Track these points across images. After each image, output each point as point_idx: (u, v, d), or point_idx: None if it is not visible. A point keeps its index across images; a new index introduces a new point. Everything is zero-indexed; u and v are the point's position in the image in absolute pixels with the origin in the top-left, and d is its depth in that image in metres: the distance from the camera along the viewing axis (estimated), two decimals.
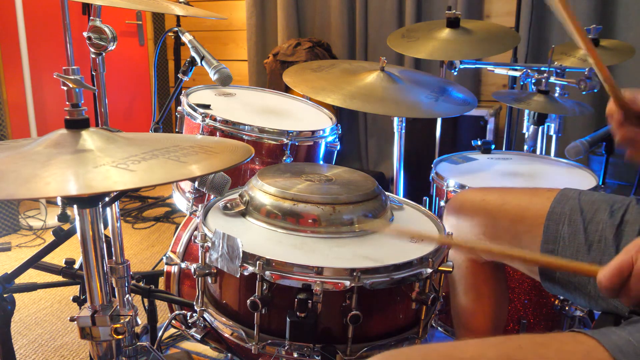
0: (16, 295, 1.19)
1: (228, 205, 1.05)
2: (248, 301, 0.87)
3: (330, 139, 1.47)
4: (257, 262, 0.85)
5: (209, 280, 0.98)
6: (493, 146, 1.78)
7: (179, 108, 1.48)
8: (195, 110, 1.39)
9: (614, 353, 0.64)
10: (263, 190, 1.01)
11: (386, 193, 1.10)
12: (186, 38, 1.47)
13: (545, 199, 1.04)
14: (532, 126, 1.80)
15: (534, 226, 1.03)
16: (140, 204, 3.22)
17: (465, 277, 1.20)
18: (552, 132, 2.00)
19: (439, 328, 1.52)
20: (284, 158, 1.37)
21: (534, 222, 1.03)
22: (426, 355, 0.68)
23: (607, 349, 0.64)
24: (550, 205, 1.03)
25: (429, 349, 0.70)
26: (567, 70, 1.94)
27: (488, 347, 0.67)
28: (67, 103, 0.75)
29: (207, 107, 1.43)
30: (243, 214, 1.03)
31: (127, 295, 0.97)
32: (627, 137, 0.87)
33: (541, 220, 1.02)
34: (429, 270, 0.90)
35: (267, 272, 0.85)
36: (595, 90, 1.84)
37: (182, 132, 1.48)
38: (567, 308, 1.42)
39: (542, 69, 1.84)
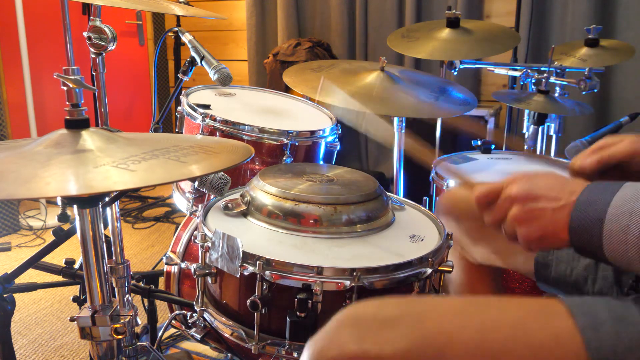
0: (16, 295, 1.20)
1: (229, 205, 1.05)
2: (248, 301, 0.87)
3: (330, 139, 1.47)
4: (257, 262, 0.85)
5: (209, 280, 0.98)
6: (493, 146, 1.78)
7: (179, 108, 1.48)
8: (195, 110, 1.39)
9: (569, 305, 0.66)
10: (264, 191, 1.01)
11: (387, 193, 1.10)
12: (186, 38, 1.47)
13: None
14: (532, 126, 1.80)
15: None
16: (140, 204, 3.22)
17: (461, 280, 1.20)
18: (552, 132, 2.00)
19: None
20: (284, 158, 1.37)
21: None
22: (401, 302, 0.69)
23: (564, 302, 0.66)
24: None
25: (406, 298, 0.72)
26: (567, 70, 1.94)
27: (465, 301, 0.70)
28: (67, 103, 0.75)
29: (207, 107, 1.43)
30: (244, 214, 1.03)
31: (127, 295, 0.97)
32: None
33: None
34: (429, 270, 0.90)
35: (267, 272, 0.85)
36: (595, 90, 1.84)
37: (182, 132, 1.48)
38: None
39: (542, 69, 1.84)
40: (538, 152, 1.96)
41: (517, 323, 0.65)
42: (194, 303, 1.02)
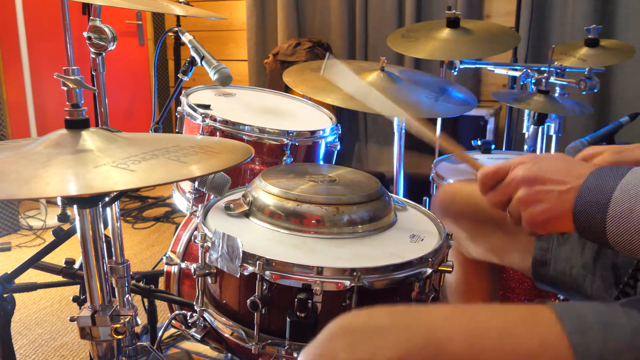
0: (16, 295, 1.20)
1: (231, 205, 1.05)
2: (248, 301, 0.87)
3: (330, 139, 1.47)
4: (257, 262, 0.85)
5: (209, 280, 0.98)
6: (493, 146, 1.78)
7: (179, 108, 1.48)
8: (195, 111, 1.39)
9: (557, 311, 0.65)
10: (266, 191, 1.01)
11: (390, 194, 1.10)
12: (186, 38, 1.47)
13: None
14: (532, 126, 1.80)
15: None
16: (140, 204, 3.22)
17: (459, 277, 1.20)
18: (552, 132, 2.00)
19: None
20: (284, 158, 1.37)
21: None
22: (391, 311, 0.69)
23: (553, 309, 0.66)
24: None
25: (396, 307, 0.72)
26: (567, 70, 1.94)
27: (453, 320, 0.69)
28: (67, 103, 0.75)
29: (207, 107, 1.43)
30: (247, 214, 1.03)
31: (127, 295, 0.97)
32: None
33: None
34: (429, 270, 0.90)
35: (267, 272, 0.85)
36: (595, 90, 1.84)
37: (182, 132, 1.48)
38: None
39: (542, 69, 1.84)
40: (538, 152, 1.96)
41: (505, 329, 0.65)
42: (194, 303, 1.02)
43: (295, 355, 0.89)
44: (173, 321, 1.33)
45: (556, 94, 1.92)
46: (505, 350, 0.63)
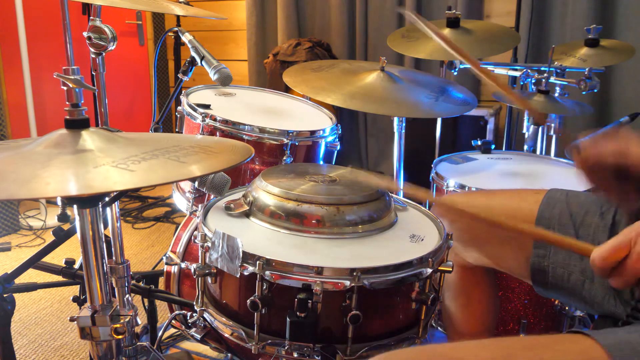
0: (16, 295, 1.20)
1: (232, 205, 1.05)
2: (248, 301, 0.87)
3: (330, 139, 1.47)
4: (257, 262, 0.85)
5: (209, 280, 0.98)
6: (493, 146, 1.78)
7: (179, 108, 1.48)
8: (195, 110, 1.39)
9: (610, 350, 0.63)
10: (267, 191, 1.01)
11: (390, 194, 1.10)
12: (186, 38, 1.47)
13: (533, 202, 1.04)
14: (532, 126, 1.80)
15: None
16: (140, 204, 3.22)
17: (455, 283, 1.20)
18: (552, 132, 2.00)
19: (439, 328, 1.52)
20: (284, 158, 1.37)
21: None
22: (426, 356, 0.68)
23: (603, 346, 0.63)
24: (539, 209, 1.02)
25: (428, 350, 0.70)
26: (567, 70, 1.94)
27: (485, 348, 0.67)
28: (67, 103, 0.75)
29: (207, 107, 1.43)
30: (247, 214, 1.03)
31: (127, 295, 0.97)
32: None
33: (530, 225, 1.01)
34: (429, 270, 0.90)
35: (267, 272, 0.85)
36: (595, 90, 1.84)
37: (182, 132, 1.48)
38: (567, 308, 1.42)
39: (542, 69, 1.84)
40: (538, 153, 1.96)
41: None
42: (194, 303, 1.02)
43: (295, 355, 0.89)
44: (173, 321, 1.34)
45: (556, 94, 1.92)
46: None
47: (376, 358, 0.68)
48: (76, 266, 1.31)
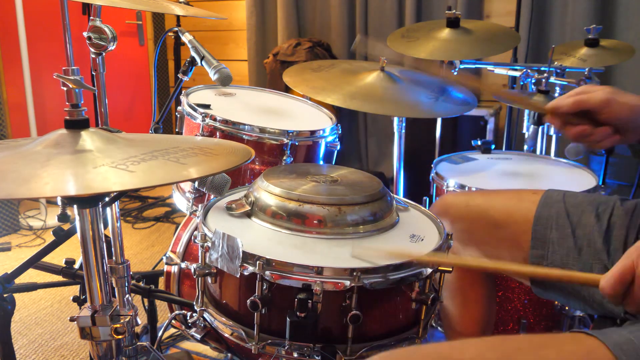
0: (16, 295, 1.20)
1: (233, 205, 1.05)
2: (248, 301, 0.87)
3: (330, 139, 1.47)
4: (257, 262, 0.85)
5: (209, 280, 0.98)
6: (493, 146, 1.78)
7: (179, 108, 1.48)
8: (195, 110, 1.39)
9: (615, 351, 0.63)
10: (268, 191, 1.01)
11: (391, 194, 1.10)
12: (186, 38, 1.47)
13: (531, 202, 1.04)
14: (532, 126, 1.79)
15: (520, 232, 1.02)
16: (140, 204, 3.22)
17: (452, 282, 1.20)
18: (552, 132, 2.00)
19: (439, 328, 1.52)
20: (284, 158, 1.36)
21: (520, 228, 1.03)
22: (426, 355, 0.68)
23: (608, 346, 0.64)
24: (536, 209, 1.02)
25: (428, 349, 0.70)
26: (567, 70, 1.94)
27: (487, 348, 0.67)
28: (67, 103, 0.75)
29: (207, 107, 1.43)
30: (248, 214, 1.03)
31: (127, 295, 0.97)
32: (576, 133, 0.94)
33: (528, 225, 1.01)
34: (429, 270, 0.90)
35: (267, 272, 0.85)
36: None
37: (182, 132, 1.48)
38: (567, 308, 1.42)
39: (542, 69, 1.84)
40: (538, 153, 1.96)
41: None
42: (194, 303, 1.02)
43: (295, 355, 0.89)
44: (173, 321, 1.34)
45: (556, 94, 1.92)
46: None
47: (376, 357, 0.68)
48: (76, 266, 1.31)
